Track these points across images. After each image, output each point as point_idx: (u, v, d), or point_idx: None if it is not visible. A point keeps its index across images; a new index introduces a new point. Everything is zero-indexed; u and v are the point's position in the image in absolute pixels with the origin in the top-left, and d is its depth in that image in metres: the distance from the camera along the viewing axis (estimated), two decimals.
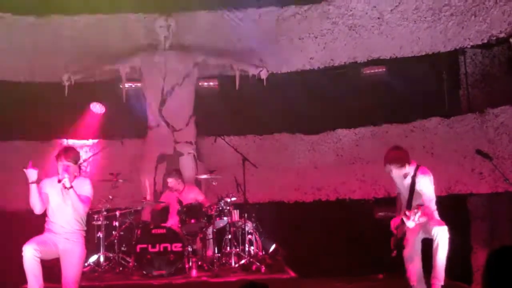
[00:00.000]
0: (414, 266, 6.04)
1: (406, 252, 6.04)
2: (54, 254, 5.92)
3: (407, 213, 5.79)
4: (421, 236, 6.13)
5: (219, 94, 10.58)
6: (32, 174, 5.71)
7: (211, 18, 10.45)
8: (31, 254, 5.62)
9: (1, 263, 8.08)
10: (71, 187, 5.80)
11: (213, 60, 10.15)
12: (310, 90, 10.27)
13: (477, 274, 8.82)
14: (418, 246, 6.08)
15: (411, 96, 9.84)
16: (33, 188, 5.73)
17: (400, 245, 6.07)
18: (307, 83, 10.35)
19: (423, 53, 9.97)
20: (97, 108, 9.36)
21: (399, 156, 6.10)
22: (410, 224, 5.81)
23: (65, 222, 5.94)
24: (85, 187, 6.01)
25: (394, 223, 6.32)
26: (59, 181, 5.81)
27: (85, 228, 6.17)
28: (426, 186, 6.04)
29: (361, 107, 10.08)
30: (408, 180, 6.13)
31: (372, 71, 10.44)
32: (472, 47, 9.79)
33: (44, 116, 9.69)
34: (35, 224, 6.41)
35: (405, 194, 6.18)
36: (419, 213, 5.65)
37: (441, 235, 5.83)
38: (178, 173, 8.93)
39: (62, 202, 5.92)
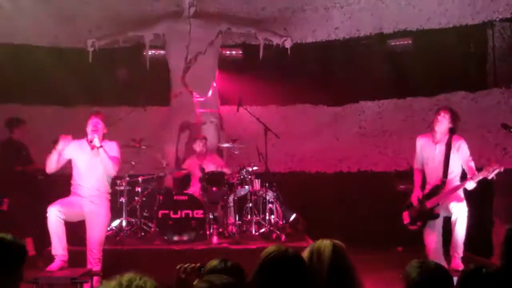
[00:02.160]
0: (435, 244, 6.10)
1: (428, 232, 6.11)
2: (79, 216, 6.01)
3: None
4: (442, 214, 6.18)
5: (242, 63, 10.52)
6: (65, 144, 5.84)
7: None
8: (54, 215, 5.72)
9: (24, 226, 8.18)
10: (101, 146, 5.89)
11: (237, 29, 10.07)
12: (334, 61, 10.21)
13: (498, 249, 8.78)
14: (439, 225, 6.14)
15: (437, 69, 9.69)
16: (56, 154, 5.87)
17: (433, 214, 6.11)
18: (332, 54, 10.26)
19: (451, 26, 9.80)
20: None
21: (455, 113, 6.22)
22: (471, 185, 5.99)
23: (92, 184, 6.02)
24: (113, 149, 6.09)
25: (415, 196, 6.34)
26: (90, 141, 5.91)
27: (110, 191, 6.27)
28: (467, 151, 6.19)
29: (385, 79, 9.97)
30: (441, 148, 6.13)
31: (398, 43, 10.27)
32: (501, 20, 9.59)
33: (68, 81, 9.73)
34: (59, 187, 6.52)
35: (437, 163, 6.19)
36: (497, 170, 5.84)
37: (460, 211, 5.90)
38: (204, 137, 8.97)
39: (90, 164, 5.98)
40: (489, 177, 5.89)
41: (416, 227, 6.30)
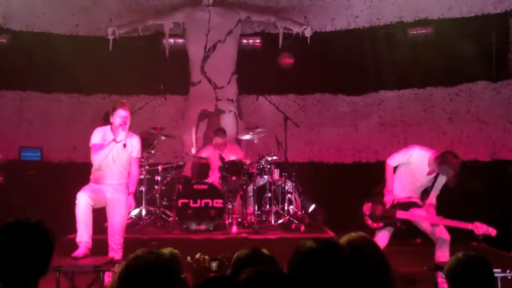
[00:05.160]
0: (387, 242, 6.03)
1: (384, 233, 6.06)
2: (103, 203, 5.99)
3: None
4: None
5: (261, 52, 10.47)
6: (123, 136, 5.80)
7: None
8: (85, 201, 5.66)
9: (43, 213, 8.24)
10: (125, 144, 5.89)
11: (256, 17, 10.03)
12: (354, 50, 10.12)
13: None
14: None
15: (458, 58, 9.58)
16: (113, 146, 5.86)
17: (398, 226, 5.98)
18: (351, 43, 10.17)
19: (472, 14, 9.70)
20: None
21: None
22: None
23: (115, 173, 5.99)
24: (136, 146, 6.03)
25: (390, 199, 6.09)
26: (119, 141, 5.84)
27: None
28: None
29: (405, 69, 9.87)
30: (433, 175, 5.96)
31: (419, 31, 10.16)
32: None
33: (87, 69, 9.73)
34: (77, 175, 6.55)
35: (422, 184, 6.02)
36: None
37: None
38: (224, 132, 8.89)
39: (115, 153, 5.93)
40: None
41: (375, 226, 6.12)
